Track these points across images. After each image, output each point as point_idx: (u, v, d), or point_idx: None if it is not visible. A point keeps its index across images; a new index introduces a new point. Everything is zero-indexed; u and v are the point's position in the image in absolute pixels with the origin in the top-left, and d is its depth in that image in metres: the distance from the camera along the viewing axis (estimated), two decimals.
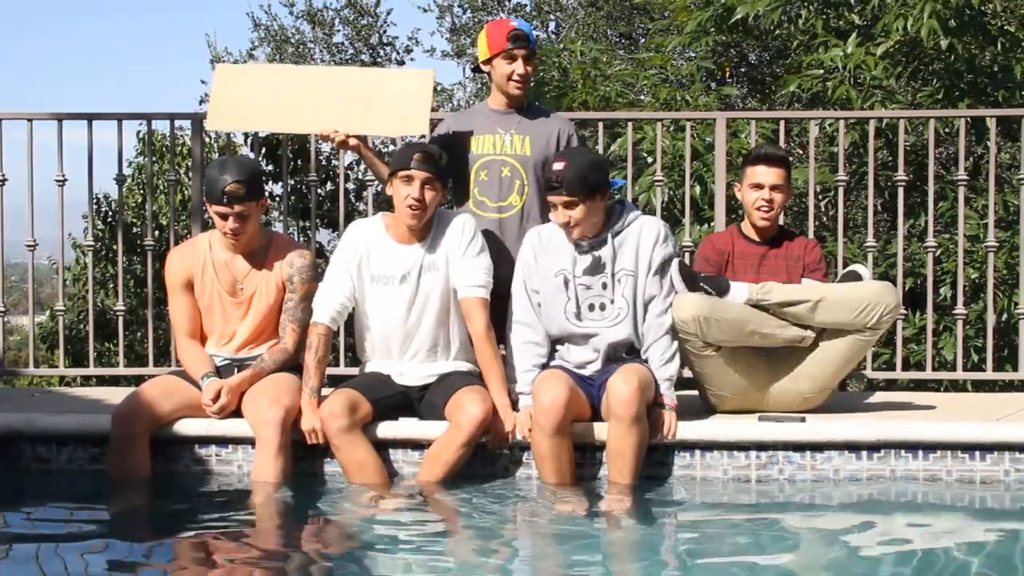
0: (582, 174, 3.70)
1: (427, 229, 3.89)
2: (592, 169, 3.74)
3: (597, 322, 3.81)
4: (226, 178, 3.79)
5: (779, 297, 3.86)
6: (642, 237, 3.82)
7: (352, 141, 4.11)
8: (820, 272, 4.12)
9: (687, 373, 4.03)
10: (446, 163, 3.89)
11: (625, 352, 3.82)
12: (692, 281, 3.87)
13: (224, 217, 3.84)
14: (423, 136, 4.42)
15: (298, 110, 4.18)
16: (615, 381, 3.64)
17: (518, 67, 4.08)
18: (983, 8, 7.05)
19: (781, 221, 4.34)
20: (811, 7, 7.27)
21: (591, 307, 3.80)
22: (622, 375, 3.64)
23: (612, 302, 3.80)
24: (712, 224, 5.34)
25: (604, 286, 3.81)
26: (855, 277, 4.03)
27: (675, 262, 3.88)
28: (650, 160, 5.34)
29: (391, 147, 7.59)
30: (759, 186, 4.06)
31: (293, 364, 3.95)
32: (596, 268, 3.81)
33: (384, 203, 6.55)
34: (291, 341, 3.94)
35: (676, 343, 3.82)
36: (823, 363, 3.94)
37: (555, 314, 3.82)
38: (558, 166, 3.74)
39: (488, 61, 4.13)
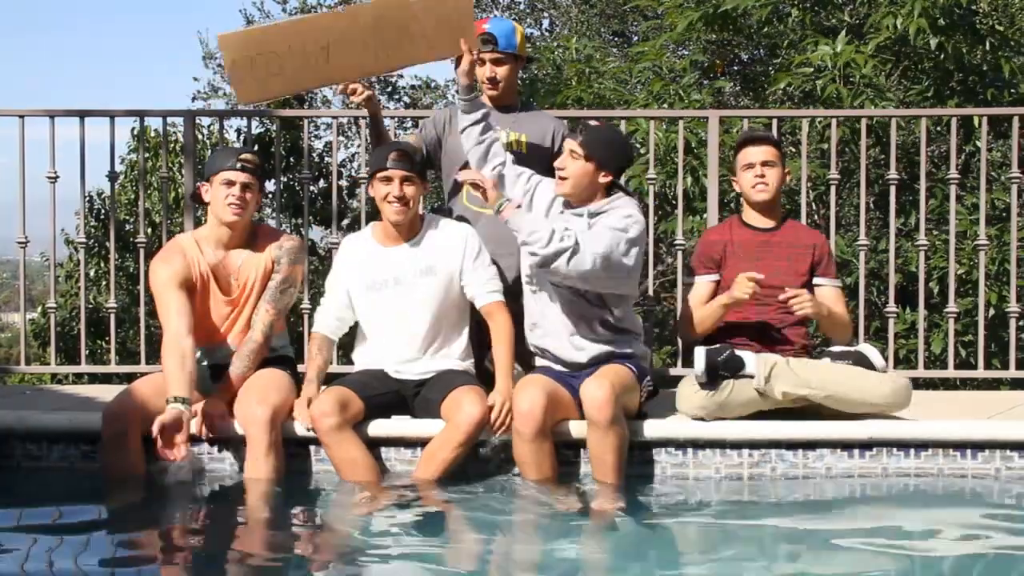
0: (601, 139, 3.75)
1: (415, 230, 3.91)
2: (612, 145, 3.77)
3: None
4: (241, 149, 3.94)
5: (783, 389, 3.76)
6: (607, 220, 3.73)
7: (368, 94, 4.00)
8: (831, 275, 4.11)
9: (680, 371, 4.02)
10: (423, 159, 3.93)
11: (601, 324, 3.80)
12: (712, 370, 3.78)
13: (231, 184, 3.83)
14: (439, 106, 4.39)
15: (331, 59, 3.90)
16: (589, 386, 3.63)
17: (486, 71, 4.09)
18: (972, 7, 7.07)
19: None
20: (801, 5, 7.29)
21: None
22: (596, 379, 3.64)
23: None
24: (704, 216, 5.35)
25: None
26: (867, 363, 3.87)
27: (702, 358, 3.79)
28: (643, 151, 5.36)
29: (409, 128, 7.40)
30: (751, 165, 4.06)
31: (265, 354, 3.92)
32: None
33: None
34: (261, 325, 3.89)
35: (563, 240, 3.60)
36: (820, 413, 3.90)
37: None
38: (594, 122, 3.83)
39: None
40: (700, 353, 3.82)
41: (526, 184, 3.92)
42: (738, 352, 3.81)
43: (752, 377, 3.78)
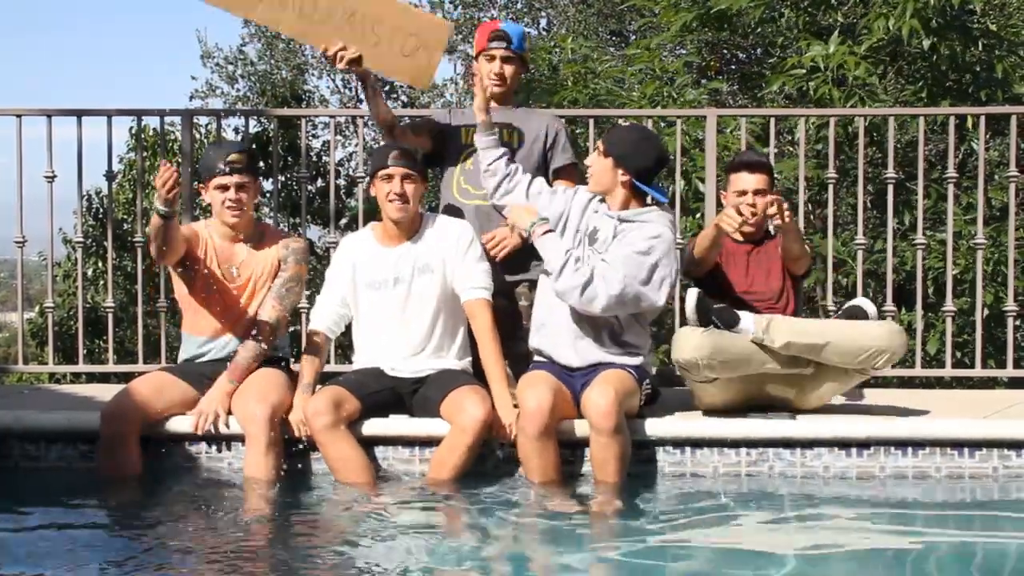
0: (621, 138, 3.83)
1: (415, 228, 3.92)
2: (631, 144, 3.81)
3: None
4: (227, 149, 3.91)
5: (784, 339, 3.78)
6: (632, 237, 3.76)
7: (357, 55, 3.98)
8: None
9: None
10: (423, 159, 3.97)
11: (608, 335, 3.80)
12: (704, 315, 3.84)
13: (225, 188, 3.86)
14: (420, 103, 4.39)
15: (306, 15, 3.98)
16: (592, 393, 3.63)
17: (494, 66, 4.14)
18: (968, 7, 7.08)
19: None
20: (795, 6, 7.28)
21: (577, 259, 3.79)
22: (599, 386, 3.64)
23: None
24: (700, 216, 5.35)
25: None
26: (860, 314, 3.92)
27: (693, 294, 3.85)
28: None
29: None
30: (743, 192, 4.10)
31: (269, 349, 3.93)
32: (592, 239, 3.81)
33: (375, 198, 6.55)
34: (267, 319, 3.91)
35: (591, 281, 3.70)
36: (816, 386, 3.92)
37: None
38: (624, 123, 3.88)
39: (476, 58, 4.22)
40: (692, 293, 3.87)
41: (565, 195, 3.96)
42: (738, 314, 3.86)
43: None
